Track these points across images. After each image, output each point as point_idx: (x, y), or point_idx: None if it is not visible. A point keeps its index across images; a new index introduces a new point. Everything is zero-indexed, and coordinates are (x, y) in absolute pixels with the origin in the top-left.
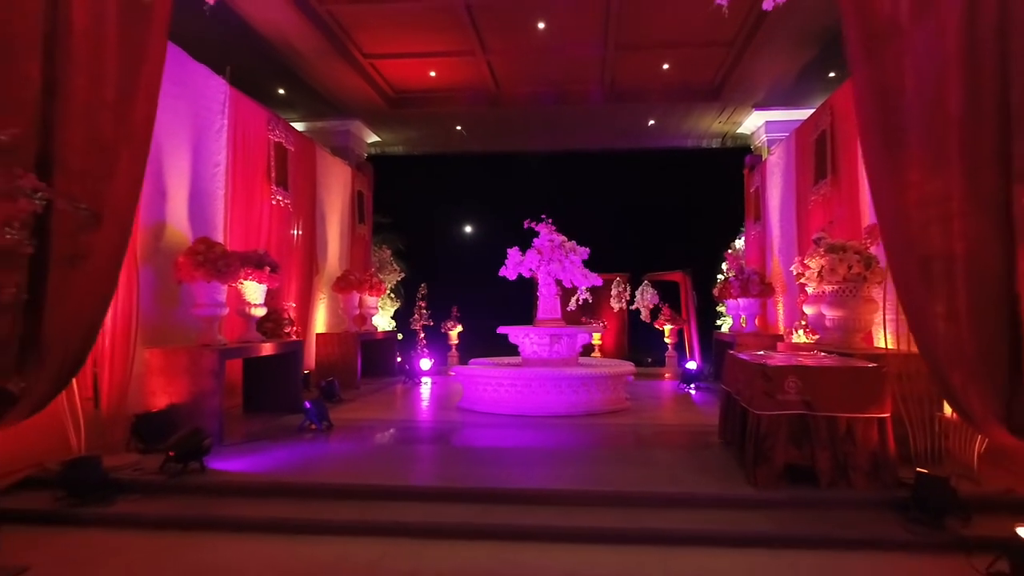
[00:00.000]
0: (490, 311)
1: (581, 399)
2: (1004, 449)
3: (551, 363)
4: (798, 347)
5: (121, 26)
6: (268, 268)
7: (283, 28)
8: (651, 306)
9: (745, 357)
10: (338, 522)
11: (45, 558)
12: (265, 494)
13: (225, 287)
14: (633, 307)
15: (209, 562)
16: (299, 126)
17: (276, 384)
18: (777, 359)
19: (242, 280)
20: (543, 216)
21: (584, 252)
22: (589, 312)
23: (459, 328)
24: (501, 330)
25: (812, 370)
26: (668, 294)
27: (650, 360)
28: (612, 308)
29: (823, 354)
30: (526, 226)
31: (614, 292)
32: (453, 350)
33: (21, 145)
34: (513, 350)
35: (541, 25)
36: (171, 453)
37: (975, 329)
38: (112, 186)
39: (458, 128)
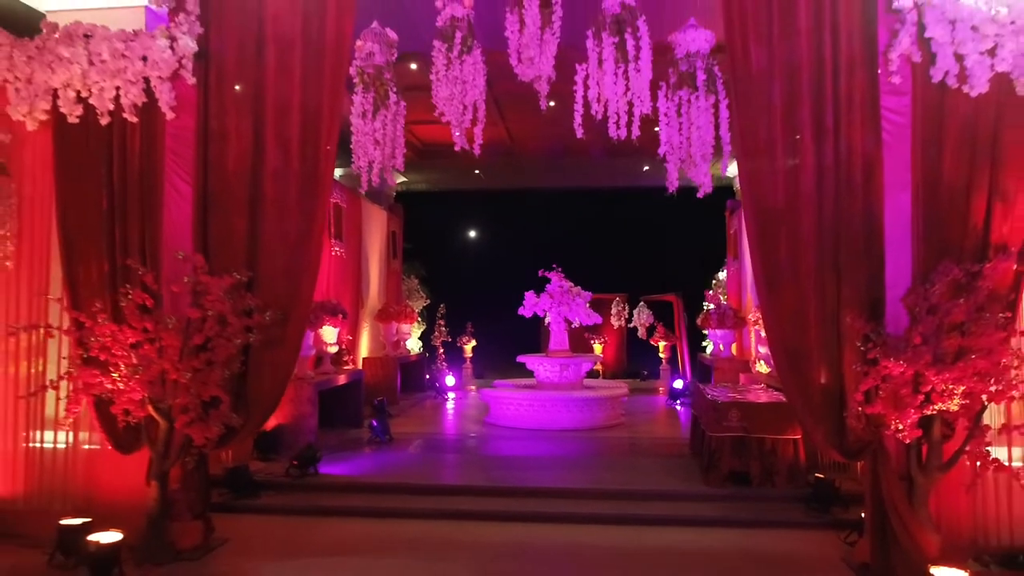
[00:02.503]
0: (499, 327)
1: (585, 416)
2: None
3: (561, 387)
4: (757, 378)
5: (299, 190)
6: (341, 315)
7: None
8: (647, 324)
9: (706, 392)
10: (417, 509)
11: (231, 534)
12: (363, 490)
13: (312, 333)
14: (631, 325)
15: (330, 536)
16: (338, 171)
17: (340, 404)
18: (725, 396)
19: (322, 326)
20: (554, 265)
21: (588, 295)
22: (592, 329)
23: (473, 343)
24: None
25: (748, 404)
26: (663, 314)
27: (646, 373)
28: (612, 325)
29: (766, 386)
30: (540, 274)
31: (614, 311)
32: (468, 363)
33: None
34: (522, 366)
35: (552, 103)
36: (295, 462)
37: (820, 392)
38: (295, 302)
39: (476, 172)
